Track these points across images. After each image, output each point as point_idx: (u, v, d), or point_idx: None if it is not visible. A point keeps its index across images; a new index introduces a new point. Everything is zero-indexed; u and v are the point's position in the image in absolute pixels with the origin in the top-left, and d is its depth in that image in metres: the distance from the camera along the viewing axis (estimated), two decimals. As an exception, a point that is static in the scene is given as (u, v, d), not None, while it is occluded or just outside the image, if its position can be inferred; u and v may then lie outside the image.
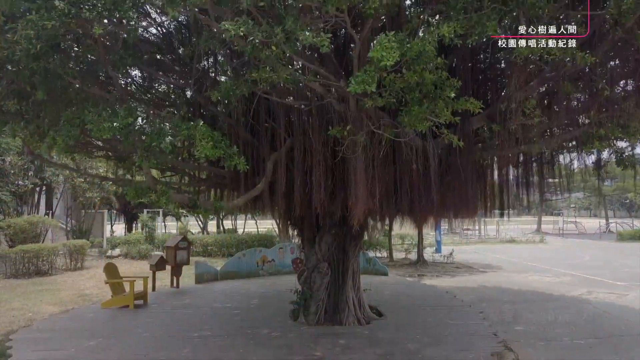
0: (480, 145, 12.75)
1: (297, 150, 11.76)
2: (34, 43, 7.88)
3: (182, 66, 12.35)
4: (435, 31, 7.84)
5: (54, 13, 7.66)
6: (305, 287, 14.56)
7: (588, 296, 18.70)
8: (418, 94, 9.08)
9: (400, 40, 7.84)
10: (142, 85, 13.62)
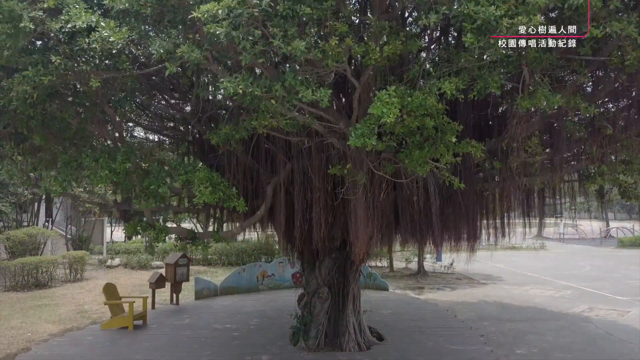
0: (481, 175, 12.66)
1: (297, 186, 11.67)
2: (30, 93, 7.77)
3: (181, 93, 12.26)
4: (436, 84, 7.73)
5: (51, 67, 7.54)
6: (305, 312, 14.51)
7: (589, 314, 18.65)
8: (419, 137, 8.97)
9: (401, 94, 7.74)
10: (141, 107, 13.52)
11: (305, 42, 7.03)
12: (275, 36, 7.12)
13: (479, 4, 6.60)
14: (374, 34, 7.92)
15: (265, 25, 7.12)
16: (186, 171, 9.42)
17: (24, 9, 7.15)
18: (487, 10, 6.45)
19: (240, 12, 6.74)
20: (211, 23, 6.86)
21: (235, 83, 7.34)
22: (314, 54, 7.39)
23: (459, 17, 6.74)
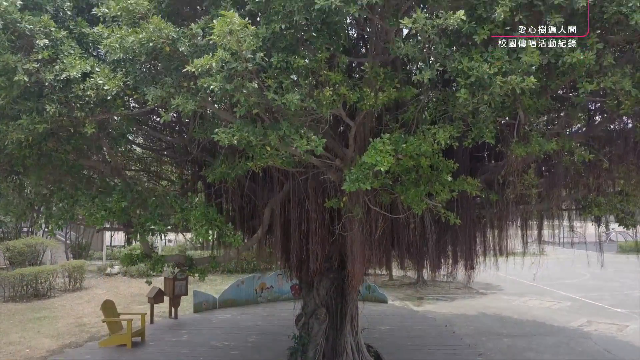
0: (478, 200, 12.66)
1: (294, 217, 11.69)
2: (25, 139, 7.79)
3: (178, 134, 12.27)
4: (431, 131, 7.73)
5: (45, 115, 7.55)
6: (303, 332, 14.53)
7: (588, 328, 18.67)
8: (414, 175, 8.98)
9: (395, 141, 7.73)
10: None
11: (299, 96, 7.02)
12: (269, 88, 7.11)
13: (473, 59, 6.57)
14: (368, 79, 7.90)
15: (259, 76, 7.11)
16: (182, 208, 9.43)
17: (18, 61, 7.14)
18: (480, 68, 6.43)
19: (234, 66, 6.73)
20: (205, 77, 6.84)
21: (230, 134, 7.34)
22: (308, 104, 7.39)
23: (453, 72, 6.72)
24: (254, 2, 6.94)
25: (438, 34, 6.47)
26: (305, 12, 6.59)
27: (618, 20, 6.38)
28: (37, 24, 7.33)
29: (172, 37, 6.99)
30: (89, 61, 7.83)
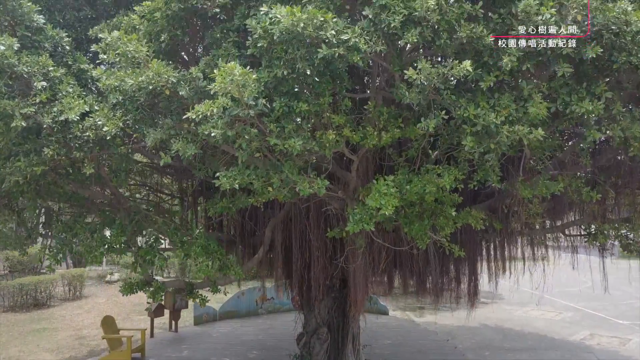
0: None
1: (295, 240, 11.58)
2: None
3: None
4: (435, 171, 7.62)
5: (43, 156, 7.42)
6: (304, 352, 14.43)
7: (590, 341, 18.55)
8: (418, 209, 8.86)
9: (399, 183, 7.62)
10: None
11: (301, 141, 6.90)
12: (271, 133, 6.99)
13: (479, 106, 6.45)
14: (371, 118, 7.77)
15: (261, 120, 6.98)
16: (182, 242, 9.34)
17: (15, 105, 7.01)
18: (487, 116, 6.30)
19: (236, 112, 6.59)
20: (206, 123, 6.72)
21: (231, 178, 7.21)
22: (311, 147, 7.27)
23: (459, 119, 6.60)
24: (255, 47, 6.79)
25: (443, 81, 6.33)
26: (307, 60, 6.44)
27: (628, 69, 6.24)
28: (34, 65, 7.19)
29: (172, 81, 6.84)
30: (88, 99, 7.72)
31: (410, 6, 6.07)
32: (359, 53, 6.23)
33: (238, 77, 6.09)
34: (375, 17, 6.22)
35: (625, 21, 5.91)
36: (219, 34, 7.48)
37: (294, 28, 6.05)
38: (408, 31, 6.10)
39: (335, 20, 6.26)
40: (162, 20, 7.33)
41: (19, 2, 7.54)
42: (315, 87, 6.98)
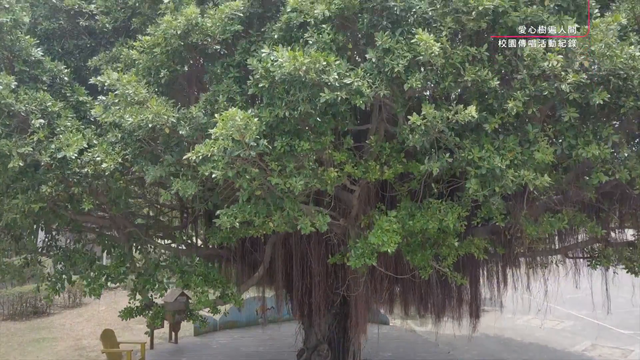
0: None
1: (295, 260, 11.50)
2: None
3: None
4: (438, 210, 7.53)
5: (41, 193, 7.34)
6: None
7: (592, 353, 18.44)
8: (420, 238, 8.79)
9: (402, 218, 7.54)
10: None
11: (303, 181, 6.81)
12: (273, 171, 6.90)
13: (483, 148, 6.36)
14: (374, 152, 7.67)
15: (262, 159, 6.89)
16: (182, 271, 9.26)
17: (13, 145, 6.91)
18: (492, 159, 6.21)
19: (237, 153, 6.49)
20: (206, 164, 6.62)
21: (232, 216, 7.12)
22: (312, 184, 7.18)
23: (463, 161, 6.50)
24: (256, 86, 6.70)
25: (448, 125, 6.23)
26: (310, 102, 6.35)
27: (635, 113, 6.15)
28: (32, 102, 7.09)
29: (172, 121, 6.75)
30: (87, 132, 7.63)
31: (414, 49, 5.96)
32: (362, 96, 6.13)
33: (240, 122, 5.98)
34: (379, 60, 6.12)
35: (632, 67, 5.80)
36: (219, 69, 7.38)
37: (296, 72, 5.95)
38: (412, 75, 6.01)
39: (337, 63, 6.15)
40: (162, 56, 7.23)
41: (17, 36, 7.43)
42: (317, 126, 6.88)
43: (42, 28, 8.41)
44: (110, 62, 8.25)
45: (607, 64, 5.84)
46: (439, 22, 6.12)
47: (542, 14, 6.22)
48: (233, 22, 6.84)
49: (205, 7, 7.61)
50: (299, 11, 6.39)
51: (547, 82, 5.99)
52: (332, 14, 6.27)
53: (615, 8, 6.82)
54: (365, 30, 6.49)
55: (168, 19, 6.89)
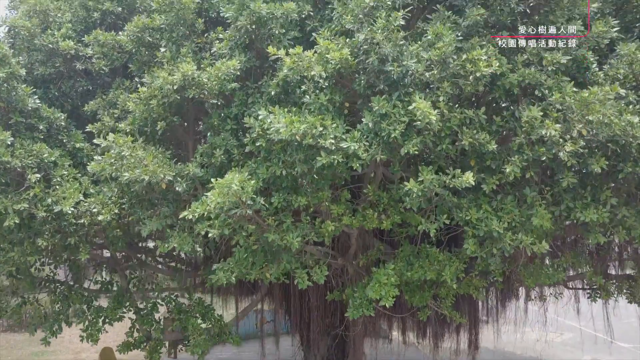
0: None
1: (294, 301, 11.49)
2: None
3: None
4: (436, 260, 7.51)
5: (38, 246, 7.33)
6: (305, 391, 14.39)
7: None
8: (420, 280, 8.74)
9: (400, 271, 7.52)
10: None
11: (300, 238, 6.79)
12: (269, 227, 6.88)
13: (481, 209, 6.32)
14: (371, 201, 7.63)
15: (259, 215, 6.86)
16: (180, 311, 9.27)
17: (9, 202, 6.89)
18: (490, 222, 6.18)
19: (235, 212, 6.47)
20: (202, 222, 6.60)
21: (228, 271, 7.11)
22: (310, 237, 7.16)
23: (461, 222, 6.47)
24: (253, 144, 6.67)
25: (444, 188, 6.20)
26: (306, 163, 6.31)
27: (633, 179, 6.11)
28: (28, 157, 7.06)
29: (169, 179, 6.72)
30: (84, 180, 7.60)
31: (411, 113, 5.91)
32: (359, 159, 6.08)
33: (236, 187, 5.95)
34: (375, 124, 6.07)
35: (632, 135, 5.76)
36: (216, 120, 7.34)
37: (292, 137, 5.91)
38: (409, 141, 5.96)
39: (334, 126, 6.11)
40: (158, 108, 7.18)
41: (14, 85, 7.39)
42: (314, 183, 6.85)
43: (38, 73, 8.35)
44: (106, 107, 8.19)
45: (605, 131, 5.79)
46: (436, 85, 6.07)
47: (540, 76, 6.16)
48: (230, 78, 6.79)
49: (202, 56, 7.57)
50: (295, 70, 6.34)
51: (545, 147, 5.93)
52: (328, 74, 6.22)
53: (614, 62, 6.76)
54: (362, 91, 6.43)
55: (164, 75, 6.85)
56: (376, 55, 6.07)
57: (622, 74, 6.62)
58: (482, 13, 6.26)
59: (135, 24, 7.66)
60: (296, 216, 7.31)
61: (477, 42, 6.26)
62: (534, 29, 6.49)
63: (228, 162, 7.27)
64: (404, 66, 6.00)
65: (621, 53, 6.47)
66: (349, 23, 6.49)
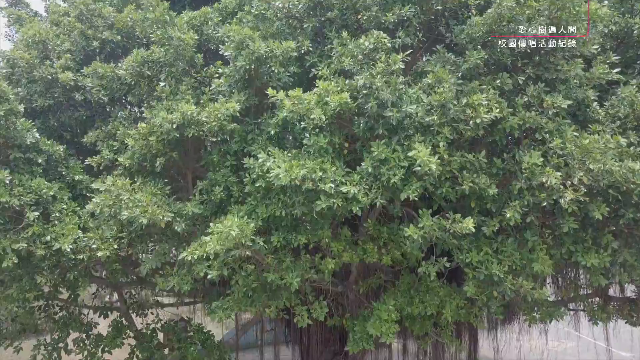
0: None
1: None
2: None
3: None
4: (437, 296, 7.49)
5: (37, 283, 7.32)
6: (305, 406, 14.35)
7: (593, 377, 18.33)
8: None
9: (400, 306, 7.50)
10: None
11: (299, 278, 6.78)
12: (269, 266, 6.86)
13: (482, 251, 6.30)
14: (371, 235, 7.61)
15: (258, 253, 6.84)
16: (179, 339, 9.27)
17: (7, 242, 6.87)
18: (490, 265, 6.16)
19: (234, 253, 6.45)
20: (201, 263, 6.58)
21: (227, 309, 7.10)
22: (310, 276, 7.16)
23: (461, 263, 6.46)
24: (252, 184, 6.64)
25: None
26: (306, 205, 6.29)
27: (635, 225, 6.09)
28: (27, 194, 7.04)
29: (168, 220, 6.70)
30: (83, 213, 7.57)
31: (411, 157, 5.88)
32: (358, 203, 6.06)
33: (235, 233, 5.94)
34: (375, 169, 6.04)
35: (633, 182, 5.73)
36: (216, 157, 7.31)
37: (292, 182, 5.89)
38: (409, 186, 5.93)
39: (334, 170, 6.08)
40: (158, 144, 7.15)
41: (12, 120, 7.36)
42: (314, 222, 6.83)
43: (37, 105, 8.32)
44: (106, 139, 8.17)
45: (606, 178, 5.76)
46: (436, 130, 6.03)
47: (540, 119, 6.13)
48: (229, 119, 6.75)
49: (202, 91, 7.54)
50: (295, 112, 6.31)
51: (546, 193, 5.90)
52: (327, 118, 6.19)
53: (615, 100, 6.73)
54: (362, 133, 6.40)
55: (163, 114, 6.81)
56: (375, 101, 6.03)
57: (623, 113, 6.60)
58: (482, 57, 6.22)
59: (134, 57, 7.61)
60: (295, 252, 7.29)
61: (477, 85, 6.22)
62: (534, 72, 6.45)
63: (227, 198, 7.24)
64: (404, 111, 5.96)
65: (622, 96, 6.44)
66: (348, 65, 6.46)
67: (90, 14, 8.95)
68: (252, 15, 7.76)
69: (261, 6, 7.64)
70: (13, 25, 10.67)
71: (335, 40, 6.84)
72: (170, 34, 7.25)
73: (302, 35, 7.34)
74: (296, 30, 7.52)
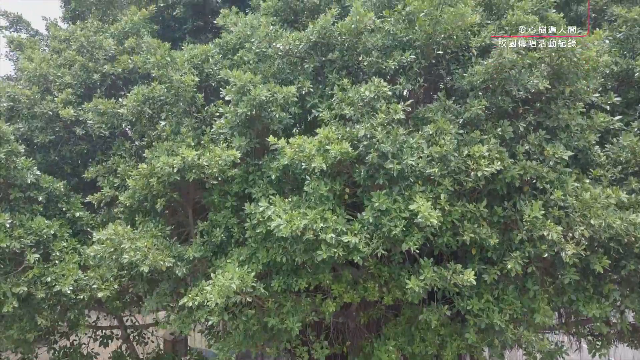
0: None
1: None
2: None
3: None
4: (438, 336, 7.49)
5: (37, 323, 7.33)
6: None
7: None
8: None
9: (401, 346, 7.50)
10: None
11: (300, 322, 6.78)
12: (269, 311, 6.87)
13: (482, 298, 6.30)
14: (372, 273, 7.61)
15: (259, 297, 6.85)
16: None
17: (7, 286, 6.88)
18: (491, 314, 6.16)
19: (234, 300, 6.45)
20: (202, 309, 6.59)
21: (227, 352, 7.10)
22: (310, 318, 7.15)
23: (462, 310, 6.46)
24: (253, 230, 6.64)
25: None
26: (307, 254, 6.29)
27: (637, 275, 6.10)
28: (27, 237, 7.04)
29: (168, 265, 6.70)
30: (83, 251, 7.58)
31: (412, 209, 5.87)
32: (359, 253, 6.06)
33: (235, 285, 5.94)
34: (376, 219, 6.03)
35: (634, 235, 5.73)
36: (216, 198, 7.30)
37: (293, 233, 5.89)
38: (410, 237, 5.92)
39: (334, 219, 6.08)
40: (159, 185, 7.14)
41: (13, 159, 7.36)
42: (314, 267, 6.83)
43: (38, 142, 8.32)
44: (106, 174, 8.17)
45: (607, 232, 5.76)
46: (437, 181, 6.03)
47: (541, 168, 6.12)
48: (230, 165, 6.75)
49: (203, 130, 7.53)
50: (296, 159, 6.30)
51: (547, 245, 5.90)
52: (328, 166, 6.18)
53: (617, 147, 6.72)
54: (362, 182, 6.39)
55: (164, 158, 6.80)
56: (376, 152, 6.03)
57: (624, 157, 6.59)
58: (483, 106, 6.20)
59: (135, 96, 7.59)
60: (296, 292, 7.28)
61: (478, 135, 6.20)
62: (535, 119, 6.44)
63: (228, 239, 7.24)
64: (403, 162, 5.95)
65: (623, 144, 6.43)
66: (349, 112, 6.45)
67: (91, 46, 8.93)
68: (253, 53, 7.74)
69: (262, 45, 7.62)
70: (14, 51, 10.68)
71: (335, 85, 6.83)
72: (171, 77, 7.23)
73: (302, 75, 7.33)
74: (297, 68, 7.51)
